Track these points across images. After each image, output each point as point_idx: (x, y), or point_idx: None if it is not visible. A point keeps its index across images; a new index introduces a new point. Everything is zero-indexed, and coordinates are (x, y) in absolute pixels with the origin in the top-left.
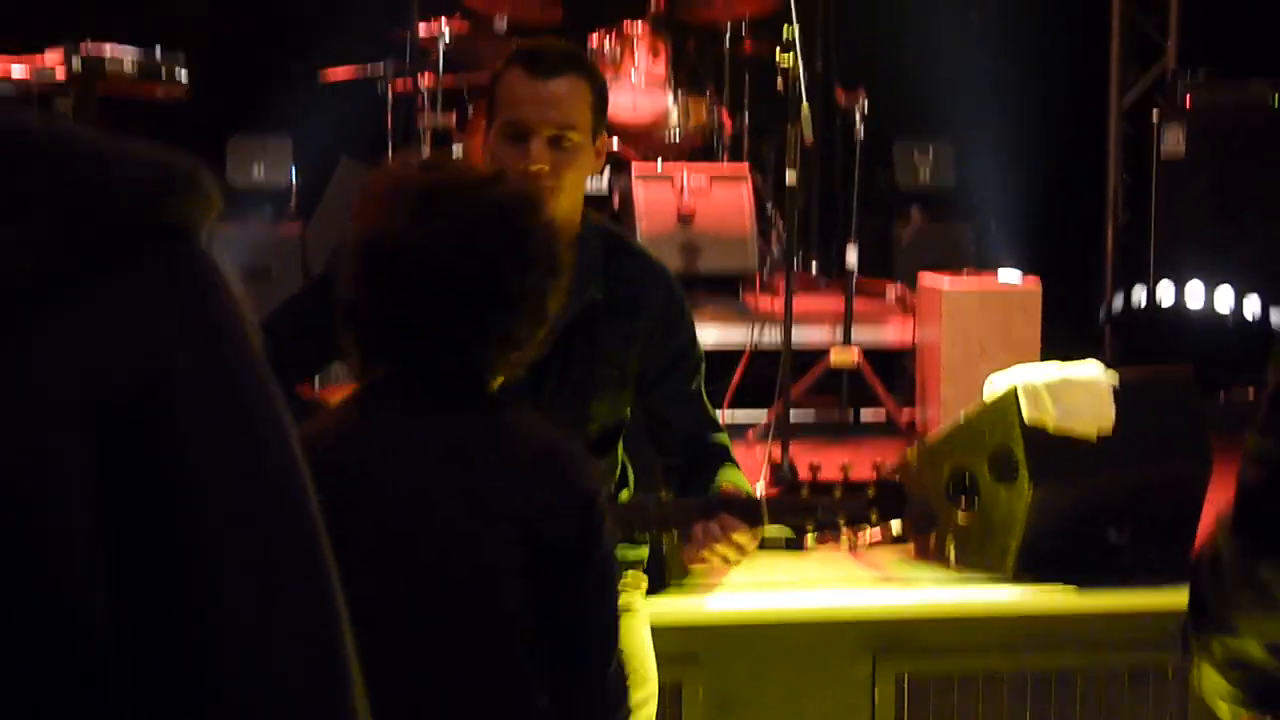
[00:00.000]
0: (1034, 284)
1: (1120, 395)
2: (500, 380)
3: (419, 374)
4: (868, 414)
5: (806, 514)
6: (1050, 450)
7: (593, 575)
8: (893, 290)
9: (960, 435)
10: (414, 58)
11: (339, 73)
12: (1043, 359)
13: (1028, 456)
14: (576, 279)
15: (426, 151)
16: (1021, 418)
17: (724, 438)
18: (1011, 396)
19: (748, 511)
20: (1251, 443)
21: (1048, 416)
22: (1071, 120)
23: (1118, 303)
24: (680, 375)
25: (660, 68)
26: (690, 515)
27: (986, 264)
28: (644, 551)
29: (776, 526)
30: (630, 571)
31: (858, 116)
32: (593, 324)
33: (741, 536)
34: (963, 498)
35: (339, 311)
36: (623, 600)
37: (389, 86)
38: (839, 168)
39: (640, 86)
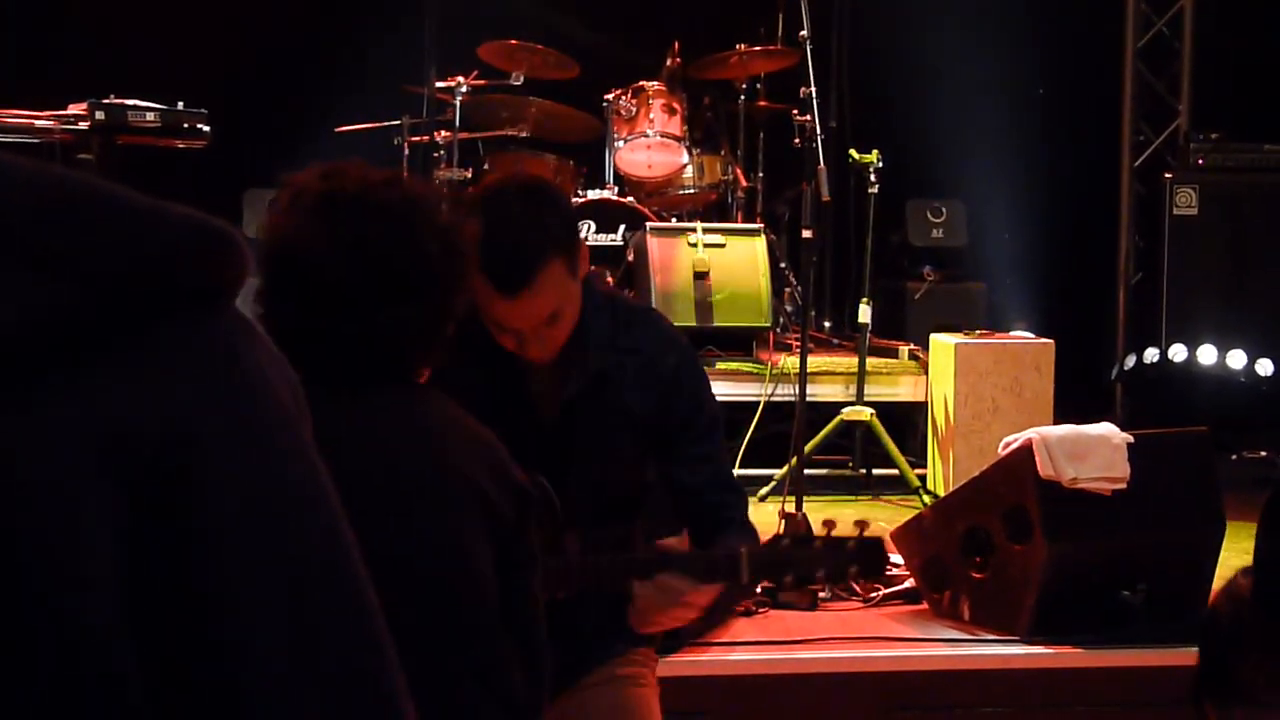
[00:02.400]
0: (1047, 343)
1: (1135, 456)
2: (427, 372)
3: (337, 368)
4: (880, 471)
5: (786, 568)
6: (1065, 509)
7: (529, 561)
8: (905, 348)
9: (974, 492)
10: (430, 113)
11: (356, 127)
12: (1056, 418)
13: (1042, 515)
14: (583, 352)
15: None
16: (1036, 475)
17: (739, 500)
18: (1026, 453)
19: (723, 567)
20: (1271, 507)
21: (1062, 473)
22: (1084, 181)
23: (1130, 362)
24: (692, 438)
25: (676, 125)
26: (621, 574)
27: (999, 323)
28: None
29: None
30: (642, 649)
31: (871, 175)
32: (600, 395)
33: (693, 595)
34: (977, 556)
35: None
36: (634, 673)
37: (405, 141)
38: (852, 226)
39: (656, 144)
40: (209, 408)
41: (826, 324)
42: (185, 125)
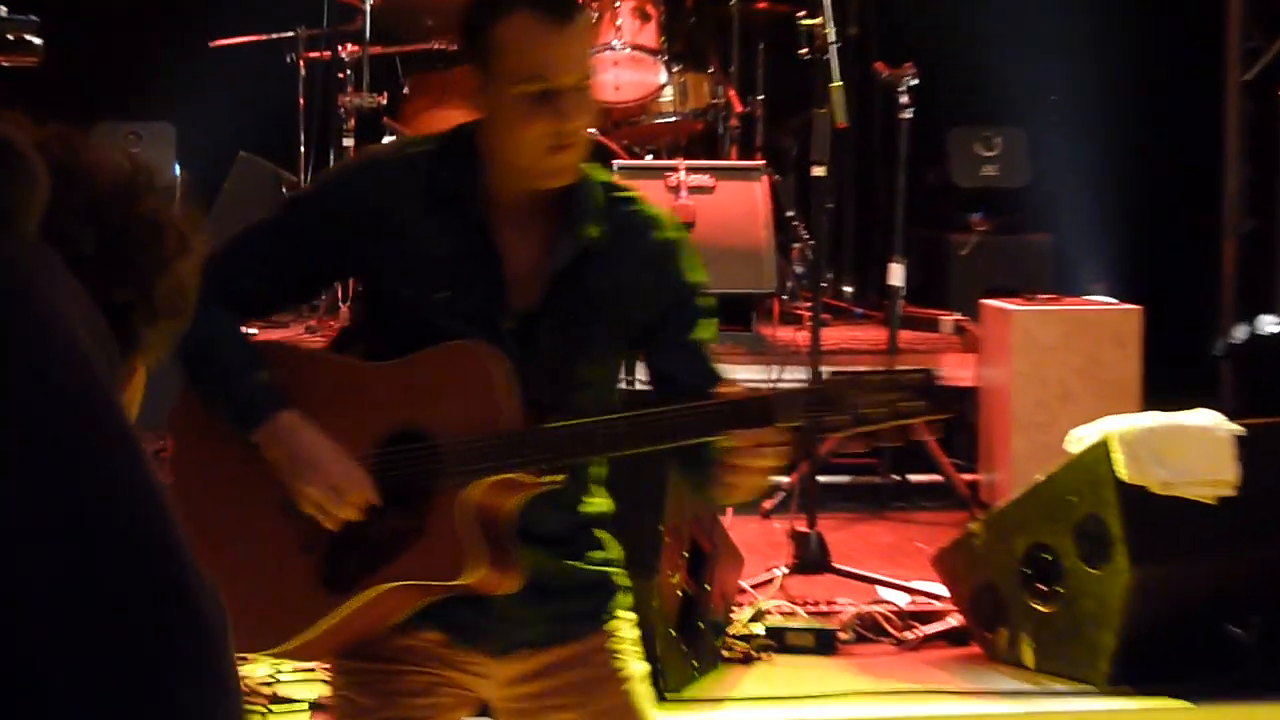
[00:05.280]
0: (1132, 310)
1: (1247, 453)
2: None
3: None
4: (918, 477)
5: (823, 409)
6: (1155, 521)
7: None
8: (949, 319)
9: (1037, 503)
10: (332, 22)
11: (235, 40)
12: (1143, 405)
13: (1126, 529)
14: (574, 219)
15: (349, 142)
16: (1117, 478)
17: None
18: (1103, 451)
19: (755, 412)
20: None
21: (1151, 475)
22: (1179, 101)
23: (1238, 333)
24: (681, 324)
25: (650, 35)
26: (698, 426)
27: (1069, 286)
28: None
29: (801, 622)
30: (625, 612)
31: (904, 97)
32: (588, 269)
33: (768, 438)
34: (1041, 583)
35: None
36: (622, 648)
37: (300, 58)
38: (880, 163)
39: (625, 59)
40: None
41: (847, 289)
42: (9, 37)
